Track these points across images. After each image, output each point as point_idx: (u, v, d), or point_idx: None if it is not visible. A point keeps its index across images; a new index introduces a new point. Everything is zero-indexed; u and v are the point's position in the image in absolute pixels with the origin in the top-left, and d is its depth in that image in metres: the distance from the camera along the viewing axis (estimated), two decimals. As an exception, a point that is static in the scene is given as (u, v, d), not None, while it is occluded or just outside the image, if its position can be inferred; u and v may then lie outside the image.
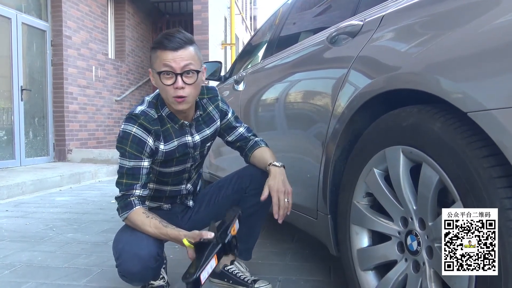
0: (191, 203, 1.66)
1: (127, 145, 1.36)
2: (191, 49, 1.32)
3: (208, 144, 1.58)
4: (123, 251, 1.34)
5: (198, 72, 1.35)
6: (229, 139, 1.62)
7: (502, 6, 0.82)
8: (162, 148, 1.42)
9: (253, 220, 1.56)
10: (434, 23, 1.00)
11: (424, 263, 0.97)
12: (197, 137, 1.50)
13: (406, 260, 1.04)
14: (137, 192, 1.38)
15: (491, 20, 0.83)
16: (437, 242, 0.92)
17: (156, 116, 1.40)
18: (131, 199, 1.37)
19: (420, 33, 1.03)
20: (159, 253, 1.37)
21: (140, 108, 1.39)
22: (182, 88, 1.31)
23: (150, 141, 1.38)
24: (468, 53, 0.85)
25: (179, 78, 1.31)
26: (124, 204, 1.38)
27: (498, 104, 0.75)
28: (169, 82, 1.31)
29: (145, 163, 1.39)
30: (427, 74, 0.94)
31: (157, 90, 1.44)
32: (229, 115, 1.59)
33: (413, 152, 0.98)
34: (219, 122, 1.57)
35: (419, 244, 0.98)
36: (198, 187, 1.69)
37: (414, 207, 1.00)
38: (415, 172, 1.00)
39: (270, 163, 1.46)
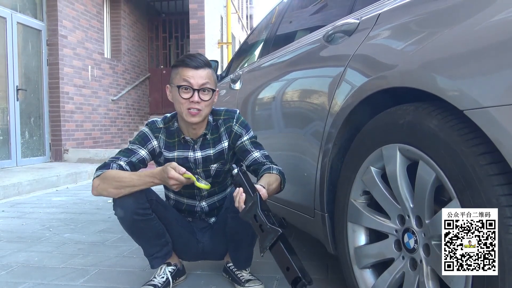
0: (212, 219, 1.71)
1: (135, 137, 1.58)
2: (209, 71, 1.49)
3: (214, 166, 1.59)
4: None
5: (213, 91, 1.49)
6: (245, 163, 1.59)
7: (497, 4, 0.83)
8: (165, 154, 1.57)
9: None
10: (430, 21, 1.01)
11: (421, 261, 0.97)
12: (198, 154, 1.57)
13: (403, 258, 1.04)
14: (121, 162, 1.47)
15: (486, 18, 0.83)
16: (434, 239, 0.92)
17: (161, 126, 1.58)
18: (111, 164, 1.46)
19: (416, 31, 1.03)
20: (147, 197, 1.47)
21: (154, 119, 1.61)
22: (198, 102, 1.45)
23: (154, 142, 1.55)
24: (464, 51, 0.85)
25: (196, 93, 1.45)
26: (103, 165, 1.47)
27: (494, 102, 0.75)
28: (187, 96, 1.45)
29: (142, 152, 1.53)
30: (423, 72, 0.94)
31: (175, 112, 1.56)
32: (244, 137, 1.57)
33: (410, 150, 0.98)
34: (226, 144, 1.58)
35: (416, 242, 0.98)
36: (217, 211, 1.69)
37: (411, 205, 1.00)
38: (412, 170, 1.00)
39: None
